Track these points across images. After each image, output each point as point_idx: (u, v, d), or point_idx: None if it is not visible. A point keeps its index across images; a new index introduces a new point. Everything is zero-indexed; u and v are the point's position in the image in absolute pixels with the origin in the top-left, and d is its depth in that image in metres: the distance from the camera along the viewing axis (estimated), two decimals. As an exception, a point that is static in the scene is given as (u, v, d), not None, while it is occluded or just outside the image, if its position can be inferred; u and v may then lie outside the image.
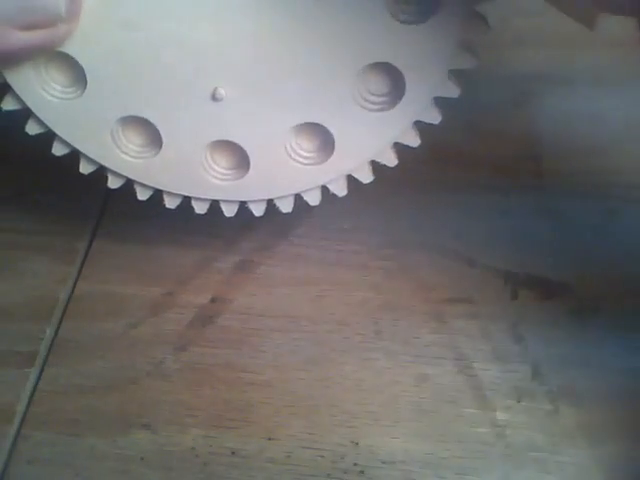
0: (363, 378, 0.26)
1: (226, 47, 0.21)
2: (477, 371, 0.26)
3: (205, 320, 0.28)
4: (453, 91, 0.22)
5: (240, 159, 0.23)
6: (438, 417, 0.25)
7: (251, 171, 0.23)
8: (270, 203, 0.25)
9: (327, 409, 0.26)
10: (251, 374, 0.26)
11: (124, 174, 0.24)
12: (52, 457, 0.25)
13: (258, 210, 0.25)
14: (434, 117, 0.22)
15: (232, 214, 0.25)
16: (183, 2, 0.20)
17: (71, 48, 0.21)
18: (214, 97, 0.21)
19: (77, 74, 0.22)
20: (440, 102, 0.22)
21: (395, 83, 0.22)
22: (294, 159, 0.23)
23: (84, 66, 0.21)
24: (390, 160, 0.23)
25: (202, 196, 0.24)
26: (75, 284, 0.29)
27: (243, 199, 0.24)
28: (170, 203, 0.24)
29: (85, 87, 0.22)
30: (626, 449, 0.24)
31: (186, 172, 0.23)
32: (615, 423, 0.25)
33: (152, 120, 0.22)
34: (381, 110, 0.22)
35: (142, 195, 0.24)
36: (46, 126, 0.23)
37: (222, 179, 0.24)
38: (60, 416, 0.26)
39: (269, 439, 0.25)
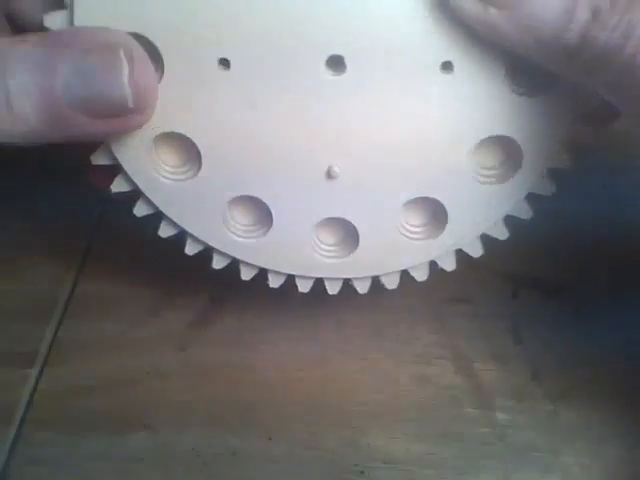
0: (363, 378, 0.26)
1: (341, 124, 0.20)
2: (477, 371, 0.26)
3: (205, 320, 0.28)
4: (566, 162, 0.21)
5: (348, 235, 0.23)
6: (438, 417, 0.25)
7: (360, 248, 0.22)
8: (375, 279, 0.24)
9: (327, 409, 0.26)
10: (251, 374, 0.26)
11: (231, 254, 0.23)
12: (52, 457, 0.25)
13: (362, 287, 0.24)
14: (547, 189, 0.22)
15: (335, 292, 0.24)
16: (300, 82, 0.20)
17: (187, 128, 0.21)
18: (329, 175, 0.21)
19: (191, 154, 0.21)
20: (552, 173, 0.22)
21: (511, 155, 0.21)
22: (404, 234, 0.22)
23: (200, 147, 0.21)
24: (501, 234, 0.23)
25: (308, 274, 0.23)
26: (75, 284, 0.29)
27: (349, 276, 0.23)
28: (274, 282, 0.23)
29: (199, 168, 0.21)
30: (626, 449, 0.24)
31: (294, 251, 0.23)
32: (615, 423, 0.25)
33: (265, 200, 0.22)
34: (496, 183, 0.21)
35: (246, 275, 0.23)
36: (156, 207, 0.22)
37: (329, 256, 0.23)
38: (60, 416, 0.26)
39: (269, 439, 0.25)
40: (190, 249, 0.23)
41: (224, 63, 0.20)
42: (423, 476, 0.24)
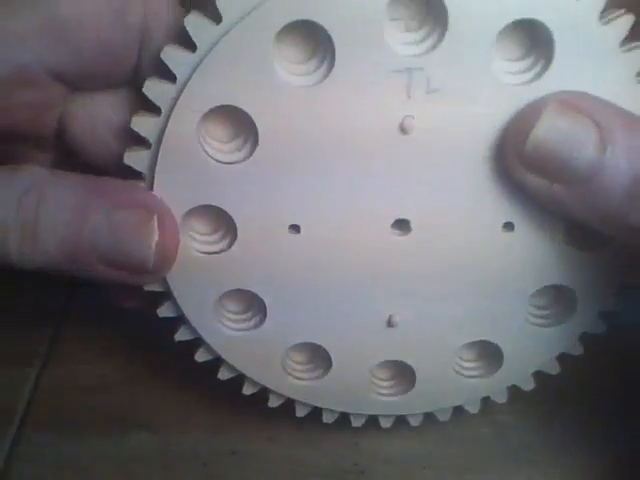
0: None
1: (404, 278, 0.21)
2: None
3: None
4: (620, 305, 0.22)
5: (404, 374, 0.23)
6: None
7: (416, 387, 0.23)
8: (428, 413, 0.24)
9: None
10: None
11: (287, 395, 0.23)
12: (52, 457, 0.25)
13: (415, 421, 0.24)
14: (600, 328, 0.22)
15: (388, 426, 0.24)
16: (366, 243, 0.20)
17: (254, 285, 0.21)
18: (389, 323, 0.22)
19: (254, 304, 0.22)
20: (605, 315, 0.22)
21: (566, 299, 0.22)
22: (460, 373, 0.23)
23: (266, 301, 0.21)
24: (554, 369, 0.23)
25: (364, 412, 0.24)
26: (76, 285, 0.29)
27: (403, 413, 0.24)
28: (328, 418, 0.24)
29: (263, 318, 0.22)
30: (625, 449, 0.25)
31: (350, 391, 0.23)
32: (615, 423, 0.25)
33: (325, 345, 0.22)
34: (551, 325, 0.22)
35: (300, 412, 0.24)
36: (216, 354, 0.22)
37: (385, 395, 0.23)
38: (60, 416, 0.26)
39: (269, 439, 0.25)
40: (247, 390, 0.23)
41: (295, 228, 0.20)
42: (423, 476, 0.24)
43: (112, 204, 0.19)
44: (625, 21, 0.18)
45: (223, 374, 0.23)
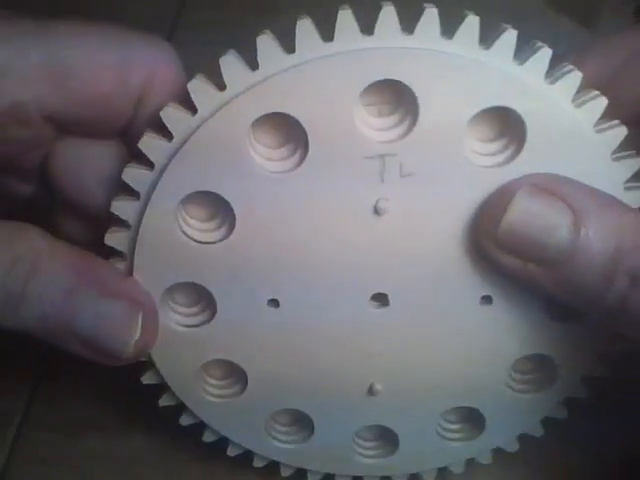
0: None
1: (383, 349, 0.21)
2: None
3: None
4: (604, 372, 0.22)
5: (387, 436, 0.23)
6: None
7: (399, 450, 0.23)
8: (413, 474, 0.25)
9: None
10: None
11: (271, 457, 0.24)
12: (52, 457, 0.25)
13: None
14: (584, 393, 0.23)
15: None
16: (345, 316, 0.21)
17: (235, 356, 0.21)
18: (370, 392, 0.22)
19: (237, 375, 0.22)
20: (588, 380, 0.23)
21: (548, 368, 0.22)
22: (443, 436, 0.23)
23: (247, 371, 0.22)
24: (537, 431, 0.24)
25: (347, 474, 0.24)
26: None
27: (388, 474, 0.24)
28: (313, 478, 0.24)
29: (244, 386, 0.22)
30: (625, 449, 0.25)
31: (334, 454, 0.24)
32: (615, 423, 0.25)
33: (307, 412, 0.22)
34: (533, 392, 0.22)
35: (285, 472, 0.24)
36: (199, 419, 0.23)
37: (369, 456, 0.24)
38: (60, 416, 0.26)
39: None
40: (231, 452, 0.24)
41: (274, 303, 0.21)
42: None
43: (99, 292, 0.19)
44: (599, 103, 0.18)
45: (207, 437, 0.23)
